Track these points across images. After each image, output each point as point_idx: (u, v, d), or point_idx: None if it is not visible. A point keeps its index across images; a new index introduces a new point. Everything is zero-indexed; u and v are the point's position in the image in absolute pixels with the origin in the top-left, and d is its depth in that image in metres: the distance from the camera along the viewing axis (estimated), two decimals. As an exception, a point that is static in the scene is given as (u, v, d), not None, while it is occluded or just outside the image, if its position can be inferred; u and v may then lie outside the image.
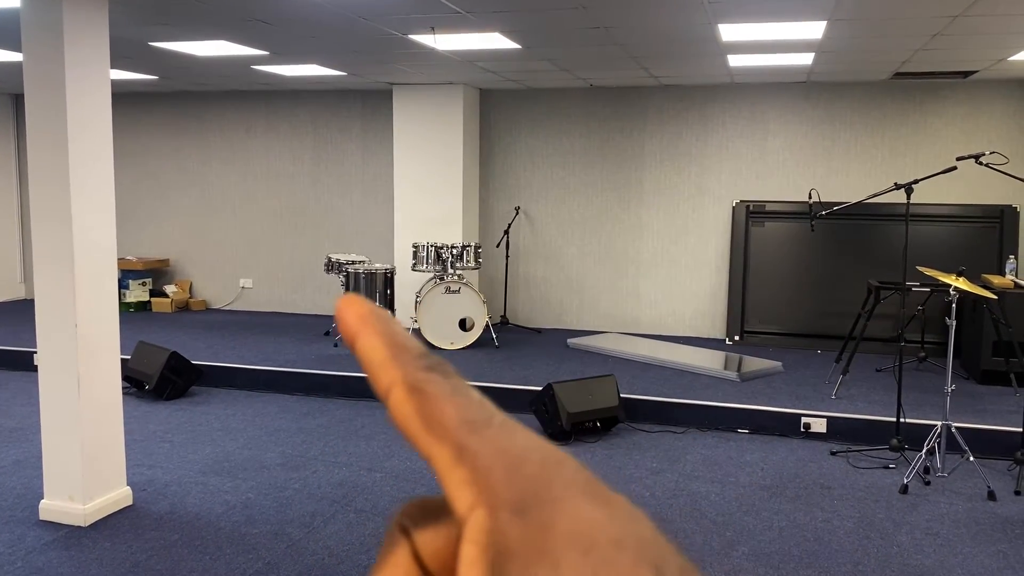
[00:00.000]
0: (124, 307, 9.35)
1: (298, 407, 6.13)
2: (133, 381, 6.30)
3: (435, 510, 0.28)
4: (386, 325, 0.29)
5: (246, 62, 6.99)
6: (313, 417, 5.88)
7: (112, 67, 7.40)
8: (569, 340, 7.76)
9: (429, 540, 0.28)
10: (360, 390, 6.37)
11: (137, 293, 9.43)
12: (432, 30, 5.36)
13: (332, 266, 7.73)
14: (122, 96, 9.71)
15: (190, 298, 9.64)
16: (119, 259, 9.49)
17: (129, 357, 6.27)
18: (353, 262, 7.70)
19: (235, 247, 9.58)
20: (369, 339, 0.28)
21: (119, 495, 4.21)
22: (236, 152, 9.47)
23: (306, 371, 6.54)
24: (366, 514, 4.18)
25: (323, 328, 8.41)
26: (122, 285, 9.31)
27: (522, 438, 0.26)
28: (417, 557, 0.28)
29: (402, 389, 0.27)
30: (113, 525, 4.02)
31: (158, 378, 6.15)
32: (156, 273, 9.77)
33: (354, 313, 0.29)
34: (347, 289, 7.39)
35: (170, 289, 9.56)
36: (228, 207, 9.56)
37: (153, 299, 9.49)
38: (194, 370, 6.42)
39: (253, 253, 9.53)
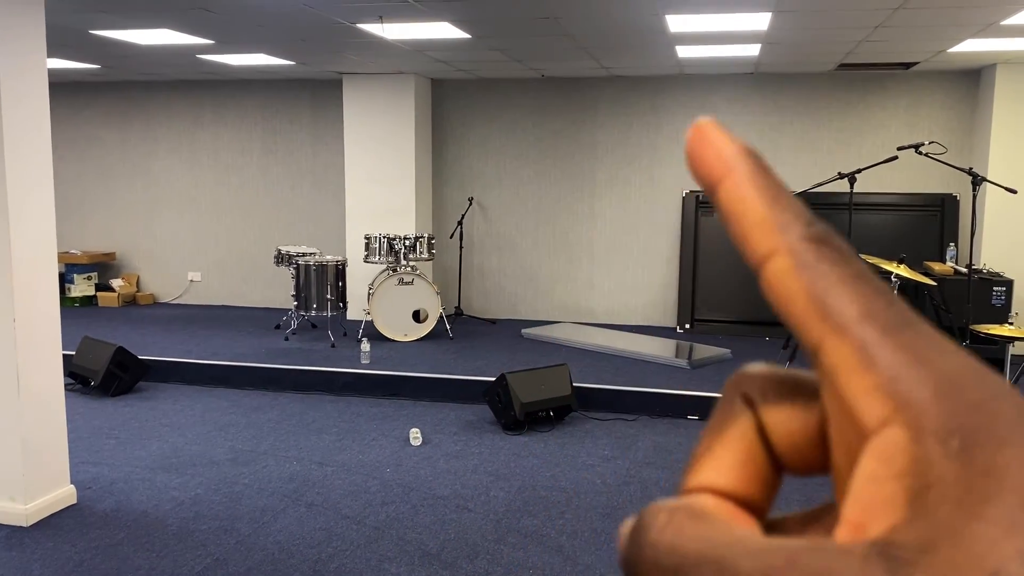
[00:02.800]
0: (69, 302, 9.14)
1: (248, 401, 6.06)
2: (78, 377, 6.17)
3: (792, 387, 0.25)
4: (762, 171, 0.23)
5: (191, 51, 6.86)
6: (263, 411, 5.81)
7: (50, 56, 7.20)
8: (523, 330, 7.79)
9: (782, 419, 0.24)
10: (311, 384, 6.32)
11: (82, 287, 9.23)
12: (380, 19, 5.31)
13: (282, 258, 7.64)
14: (64, 86, 9.46)
15: (137, 292, 9.46)
16: (63, 253, 9.26)
17: (74, 353, 6.13)
18: (304, 254, 7.62)
19: (183, 240, 9.42)
20: (740, 186, 0.23)
21: (62, 494, 4.12)
22: (183, 143, 9.30)
23: (256, 365, 6.47)
24: (317, 508, 4.16)
25: (273, 321, 8.31)
26: (67, 279, 9.10)
27: (953, 354, 0.21)
28: (762, 432, 0.24)
29: (787, 259, 0.22)
30: (56, 525, 3.94)
31: (104, 374, 6.03)
32: (102, 267, 9.57)
33: (717, 148, 0.23)
34: (298, 283, 7.32)
35: (116, 283, 9.37)
36: (176, 199, 9.39)
37: (99, 293, 9.29)
38: (141, 365, 6.30)
39: (202, 246, 9.37)
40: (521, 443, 5.17)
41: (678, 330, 8.11)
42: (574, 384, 5.71)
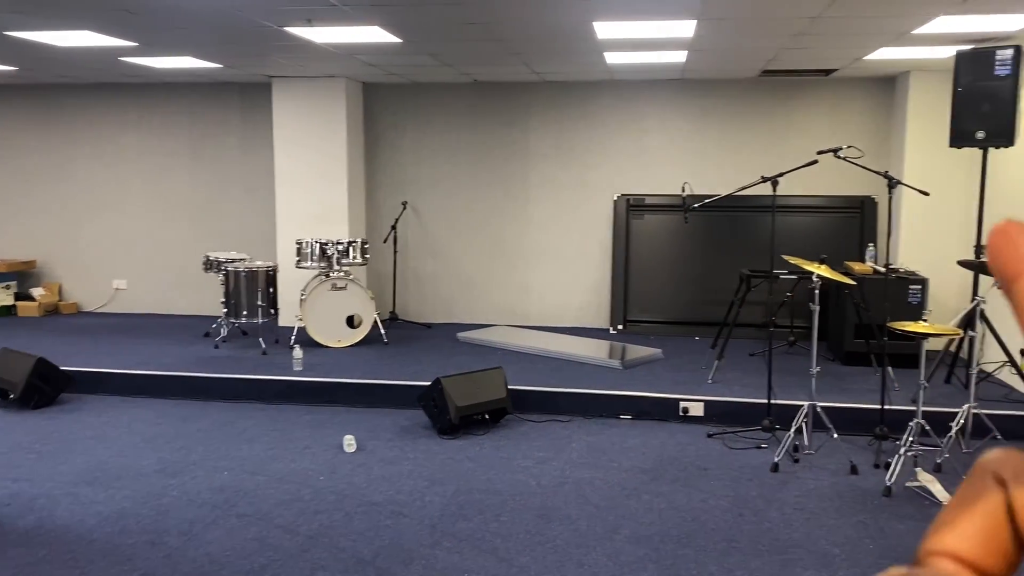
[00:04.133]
0: (-15, 312, 8.79)
1: (177, 411, 5.93)
2: (-5, 390, 5.95)
3: None
4: None
5: (113, 54, 6.69)
6: (193, 421, 5.70)
7: (-36, 57, 6.93)
8: (459, 334, 7.79)
9: None
10: (242, 392, 6.21)
11: (0, 297, 8.89)
12: (309, 22, 5.27)
13: (211, 265, 7.50)
14: (-22, 88, 9.11)
15: (59, 301, 9.16)
16: (-22, 261, 8.90)
17: (-10, 365, 5.91)
18: (233, 260, 7.49)
19: (108, 247, 9.16)
20: None
21: (-20, 511, 3.97)
22: (107, 147, 9.04)
23: (185, 374, 6.33)
24: (249, 518, 4.10)
25: (202, 329, 8.14)
26: (-18, 289, 8.76)
27: None
28: (1010, 512, 0.25)
29: None
30: (-27, 543, 3.79)
31: (24, 386, 5.83)
32: (21, 275, 9.24)
33: (1018, 248, 0.25)
34: (227, 289, 7.18)
35: (37, 292, 9.05)
36: (99, 205, 9.12)
37: (18, 303, 8.97)
38: (64, 377, 6.11)
39: (127, 253, 9.13)
40: (456, 447, 5.18)
41: (611, 331, 8.22)
42: (509, 387, 5.74)
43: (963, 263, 5.56)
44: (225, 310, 7.21)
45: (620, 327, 8.20)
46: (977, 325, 5.15)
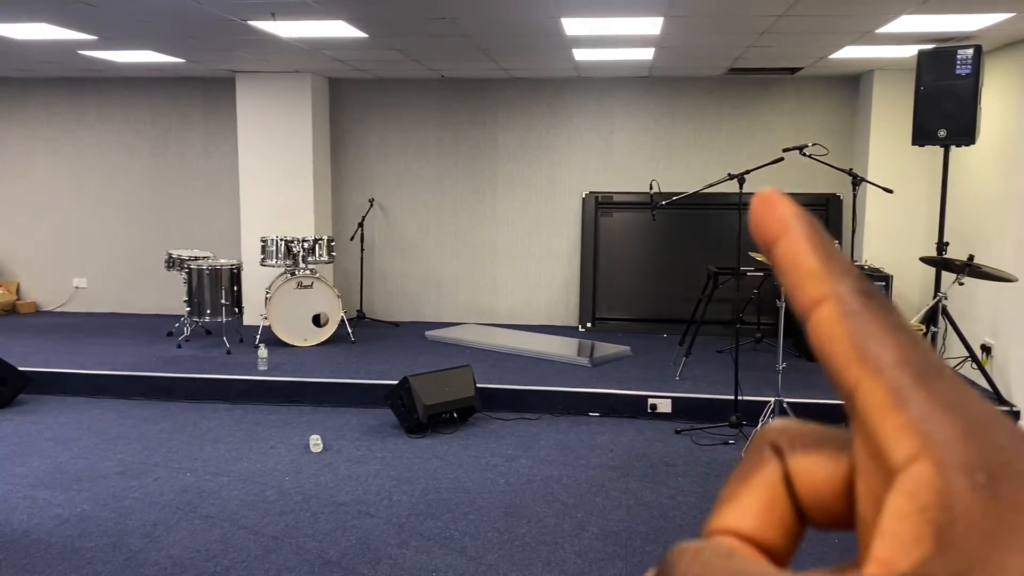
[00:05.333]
0: (-60, 312, 8.58)
1: (139, 412, 5.82)
2: (-50, 392, 5.80)
3: (816, 440, 0.26)
4: (816, 231, 0.25)
5: (71, 47, 6.55)
6: (155, 422, 5.60)
7: (-84, 49, 6.74)
8: (427, 332, 7.74)
9: (808, 468, 0.25)
10: (206, 392, 6.12)
11: (-45, 296, 8.68)
12: (273, 16, 5.19)
13: (173, 263, 7.37)
14: (-69, 82, 8.88)
15: (17, 300, 8.96)
16: (-68, 260, 8.68)
17: (-56, 366, 5.76)
18: (196, 258, 7.37)
19: (67, 244, 8.97)
20: (796, 243, 0.25)
21: (-68, 516, 3.87)
22: (65, 143, 8.86)
23: (147, 374, 6.22)
24: (212, 520, 4.02)
25: (165, 328, 8.01)
26: (-63, 288, 8.53)
27: (979, 402, 0.22)
28: (788, 481, 0.25)
29: (833, 306, 0.24)
30: (-75, 549, 3.69)
31: (-21, 387, 5.69)
32: (-23, 274, 9.02)
33: (777, 211, 0.25)
34: (190, 288, 7.07)
35: (-6, 291, 8.85)
36: (58, 202, 8.94)
37: (-26, 302, 8.76)
38: (22, 377, 5.97)
39: (87, 251, 8.95)
40: (424, 446, 5.14)
41: (580, 329, 8.22)
42: (478, 385, 5.71)
43: (925, 260, 5.63)
44: (188, 309, 7.09)
45: (589, 325, 8.21)
46: (939, 321, 5.22)
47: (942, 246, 5.43)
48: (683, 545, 0.24)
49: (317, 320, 7.25)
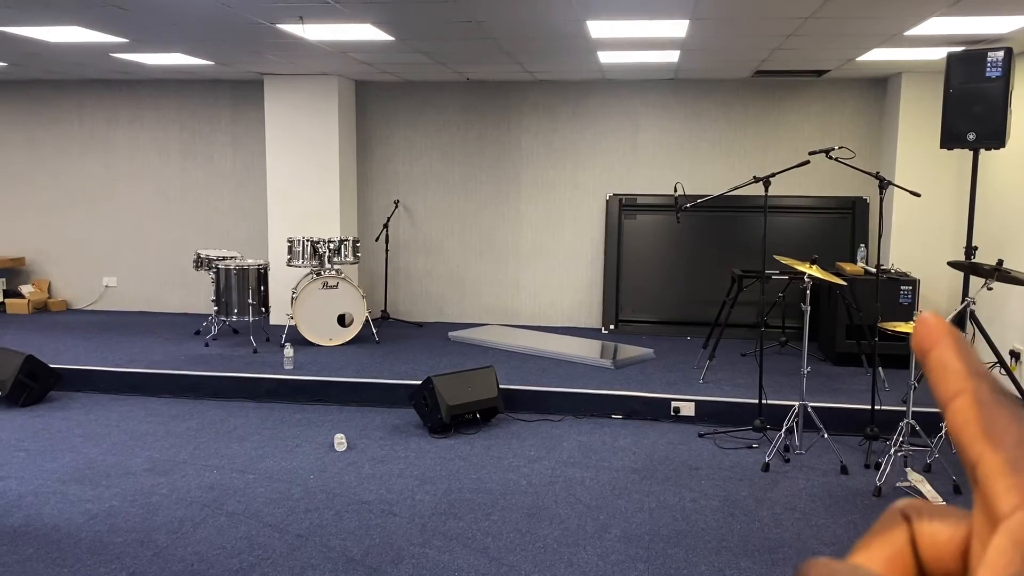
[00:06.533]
0: (-26, 309, 8.74)
1: (167, 410, 5.90)
2: (-17, 388, 5.91)
3: (941, 512, 0.31)
4: (965, 343, 0.31)
5: (104, 50, 6.65)
6: (183, 420, 5.67)
7: (-47, 52, 6.88)
8: (450, 333, 7.78)
9: (931, 531, 0.30)
10: (232, 390, 6.19)
11: (-11, 294, 8.84)
12: (301, 20, 5.25)
13: (202, 263, 7.47)
14: (-33, 83, 9.06)
15: (49, 298, 9.11)
16: (-33, 258, 8.85)
17: (-22, 362, 5.87)
18: (224, 258, 7.46)
19: (98, 244, 9.11)
20: (948, 350, 0.31)
21: (-34, 510, 3.95)
22: (97, 144, 9.00)
23: (175, 372, 6.30)
24: (238, 517, 4.08)
25: (193, 327, 8.11)
26: (-29, 286, 8.70)
27: None
28: (913, 543, 0.30)
29: (970, 397, 0.30)
30: (-40, 542, 3.77)
31: (12, 383, 5.80)
32: (10, 273, 9.19)
33: (934, 325, 0.32)
34: (218, 287, 7.16)
35: (26, 289, 9.01)
36: (89, 202, 9.08)
37: (7, 300, 8.92)
38: (52, 374, 6.08)
39: (117, 250, 9.09)
40: (447, 446, 5.17)
41: (603, 331, 8.22)
42: (500, 386, 5.73)
43: (953, 264, 5.57)
44: (216, 308, 7.18)
45: (612, 327, 8.20)
46: (967, 326, 5.17)
47: (971, 250, 5.37)
48: (816, 559, 0.29)
49: (342, 320, 7.31)
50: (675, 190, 6.37)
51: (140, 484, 4.49)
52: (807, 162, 5.02)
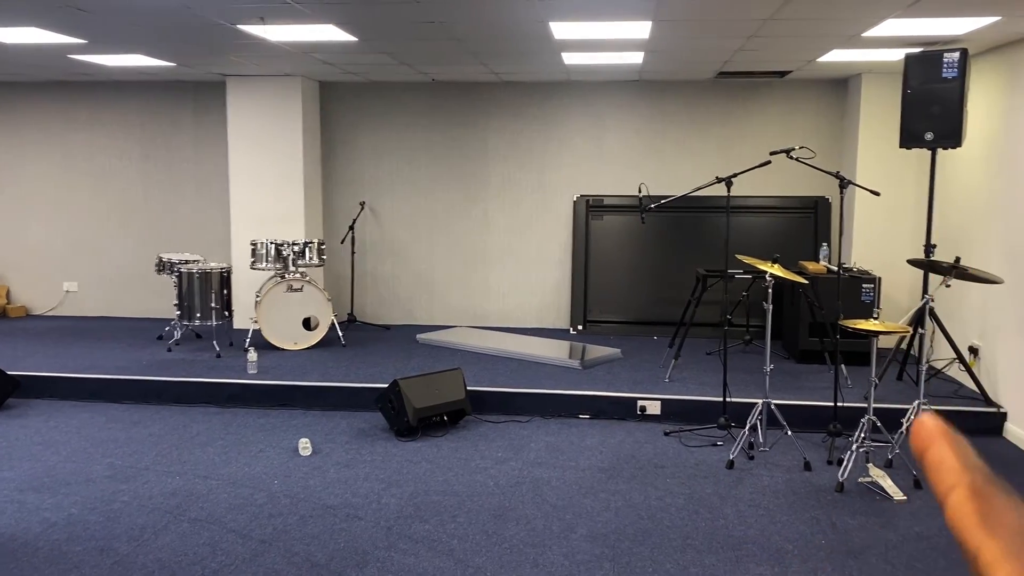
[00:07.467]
0: (-71, 316, 8.54)
1: (128, 416, 5.82)
2: (-62, 396, 5.78)
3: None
4: (959, 441, 0.35)
5: (61, 51, 6.54)
6: (145, 426, 5.59)
7: (-95, 53, 6.73)
8: (418, 335, 7.75)
9: None
10: (195, 396, 6.11)
11: (-56, 300, 8.65)
12: (262, 20, 5.20)
13: (164, 266, 7.37)
14: (-80, 85, 8.85)
15: (7, 304, 8.93)
16: (-78, 264, 8.65)
17: (-67, 370, 5.74)
18: (186, 261, 7.36)
19: (57, 248, 8.95)
20: (943, 448, 0.35)
21: (-81, 521, 3.85)
22: (55, 146, 8.85)
23: (137, 378, 6.21)
24: (201, 523, 4.02)
25: (156, 332, 8.00)
26: (-74, 292, 8.50)
27: None
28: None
29: (966, 490, 0.33)
30: (-88, 554, 3.68)
31: (-33, 392, 5.67)
32: (-34, 278, 8.99)
33: (930, 427, 0.35)
34: (180, 291, 7.06)
35: (-17, 295, 8.82)
36: (48, 205, 8.92)
37: (-36, 306, 8.73)
38: (11, 381, 5.96)
39: (78, 254, 8.94)
40: (414, 449, 5.15)
41: (571, 331, 8.24)
42: (468, 388, 5.72)
43: (913, 262, 5.66)
44: (178, 312, 7.09)
45: (580, 327, 8.22)
46: (927, 323, 5.25)
47: (929, 248, 5.46)
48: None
49: (307, 323, 7.25)
50: (639, 191, 6.40)
51: (101, 491, 4.41)
52: (768, 162, 5.08)
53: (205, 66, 7.35)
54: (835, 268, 6.98)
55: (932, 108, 5.48)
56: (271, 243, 7.18)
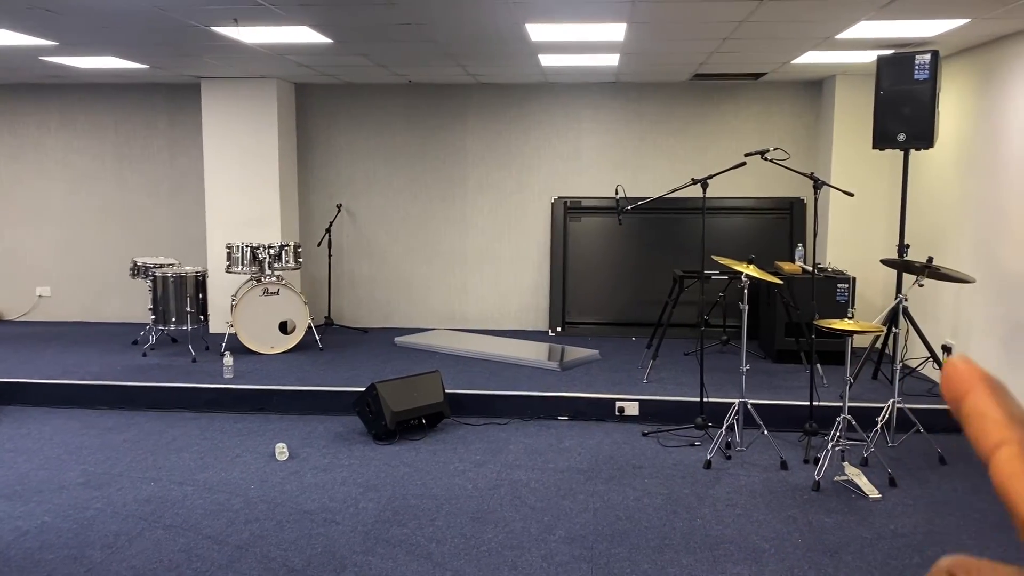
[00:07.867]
0: (-102, 322, 8.40)
1: (102, 422, 5.75)
2: (-93, 404, 5.68)
3: (987, 569, 0.32)
4: (1002, 388, 0.31)
5: (33, 53, 6.46)
6: (119, 432, 5.53)
7: None
8: (396, 339, 7.72)
9: None
10: (171, 401, 6.05)
11: (-87, 306, 8.51)
12: (236, 22, 5.16)
13: (138, 270, 7.29)
14: None
15: (-22, 310, 8.81)
16: None
17: (-99, 377, 5.65)
18: (161, 265, 7.30)
19: (30, 253, 8.84)
20: (983, 397, 0.30)
21: None
22: (27, 150, 8.73)
23: (112, 383, 6.14)
24: (176, 529, 3.98)
25: (131, 337, 7.92)
26: None
27: None
28: None
29: (1015, 447, 0.29)
30: None
31: (-63, 399, 5.58)
32: (-64, 284, 8.85)
33: (965, 371, 0.31)
34: (155, 296, 7.00)
35: (-46, 301, 8.69)
36: (20, 209, 8.80)
37: (-67, 312, 8.60)
38: (-19, 388, 5.87)
39: (51, 259, 8.83)
40: (392, 452, 5.13)
41: (550, 333, 8.24)
42: (447, 391, 5.71)
43: (887, 262, 5.72)
44: (153, 317, 7.02)
45: (559, 329, 8.23)
46: (900, 322, 5.30)
47: (903, 248, 5.51)
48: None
49: (284, 327, 7.20)
50: (617, 192, 6.42)
51: (74, 498, 4.36)
52: (743, 164, 5.11)
53: (179, 68, 7.29)
54: (810, 268, 7.04)
55: (904, 109, 5.54)
56: (247, 246, 7.13)
